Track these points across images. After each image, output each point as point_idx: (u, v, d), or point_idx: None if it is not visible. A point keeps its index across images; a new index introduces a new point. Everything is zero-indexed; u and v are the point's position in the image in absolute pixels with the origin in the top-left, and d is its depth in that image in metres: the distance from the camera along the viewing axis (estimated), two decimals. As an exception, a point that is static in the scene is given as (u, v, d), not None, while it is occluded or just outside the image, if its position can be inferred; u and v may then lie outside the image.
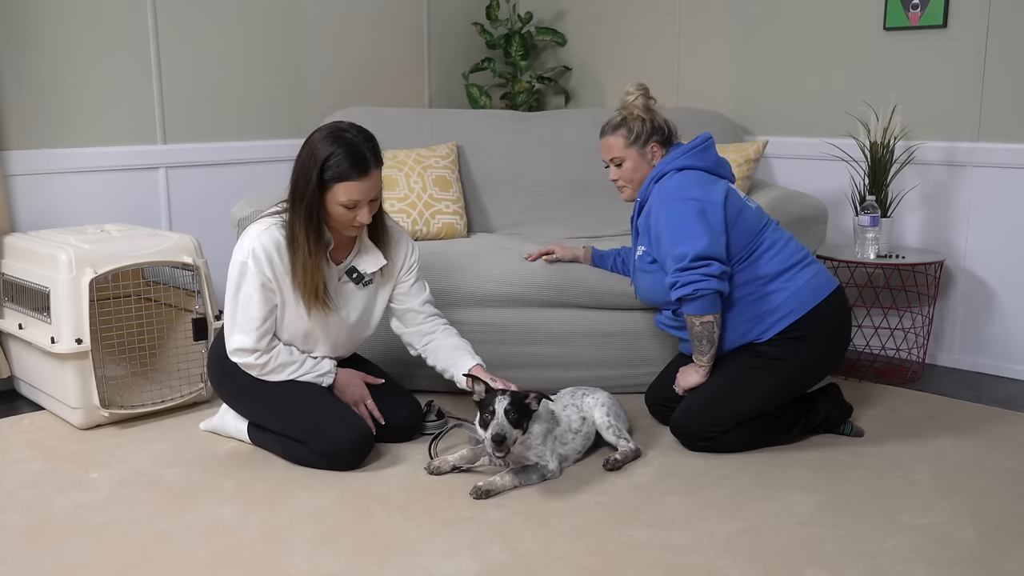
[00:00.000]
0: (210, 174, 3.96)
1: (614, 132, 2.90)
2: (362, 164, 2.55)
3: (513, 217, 3.94)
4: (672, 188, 2.79)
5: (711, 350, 2.78)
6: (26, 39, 3.45)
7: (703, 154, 2.87)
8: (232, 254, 2.67)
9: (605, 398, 2.85)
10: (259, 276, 2.61)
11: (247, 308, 2.65)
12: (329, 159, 2.52)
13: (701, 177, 2.81)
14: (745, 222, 2.81)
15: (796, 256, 2.83)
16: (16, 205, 3.49)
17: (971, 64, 3.57)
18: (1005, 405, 3.27)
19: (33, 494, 2.56)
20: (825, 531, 2.32)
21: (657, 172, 2.86)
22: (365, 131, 2.62)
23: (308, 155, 2.56)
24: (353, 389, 2.84)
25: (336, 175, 2.53)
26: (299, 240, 2.59)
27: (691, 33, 4.35)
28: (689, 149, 2.86)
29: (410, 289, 2.87)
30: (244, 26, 4.01)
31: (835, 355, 2.89)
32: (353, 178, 2.54)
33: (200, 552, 2.23)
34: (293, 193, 2.59)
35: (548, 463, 2.62)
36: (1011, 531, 2.32)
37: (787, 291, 2.78)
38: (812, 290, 2.79)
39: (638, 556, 2.20)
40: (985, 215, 3.62)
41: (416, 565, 2.16)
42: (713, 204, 2.74)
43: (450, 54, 4.79)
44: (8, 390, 3.46)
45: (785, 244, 2.85)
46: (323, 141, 2.55)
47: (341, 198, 2.55)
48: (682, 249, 2.70)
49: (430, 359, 2.89)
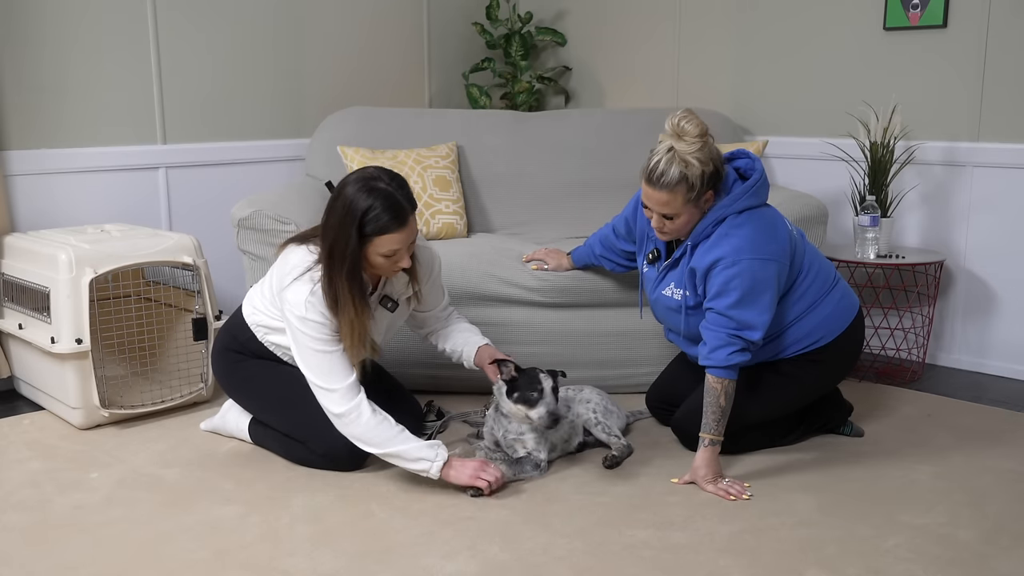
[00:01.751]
0: (210, 174, 3.96)
1: (671, 190, 2.50)
2: (402, 215, 2.47)
3: (513, 217, 3.94)
4: (748, 242, 2.53)
5: (721, 421, 2.58)
6: (26, 39, 3.45)
7: (761, 190, 2.61)
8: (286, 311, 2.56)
9: (593, 395, 2.88)
10: (324, 330, 2.52)
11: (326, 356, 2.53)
12: (367, 213, 2.43)
13: (768, 221, 2.59)
14: (795, 260, 2.66)
15: (826, 285, 2.72)
16: (16, 205, 3.49)
17: (971, 64, 3.57)
18: (1005, 405, 3.27)
19: (33, 494, 2.56)
20: (825, 531, 2.32)
21: (717, 217, 2.57)
22: (396, 176, 2.52)
23: (344, 211, 2.44)
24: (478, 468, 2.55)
25: (376, 229, 2.44)
26: (343, 299, 2.49)
27: (691, 33, 4.35)
28: (751, 187, 2.58)
29: (431, 298, 2.86)
30: (244, 26, 4.01)
31: (847, 371, 2.88)
32: (393, 230, 2.46)
33: (200, 552, 2.23)
34: (332, 253, 2.47)
35: (540, 453, 2.65)
36: (1011, 531, 2.32)
37: (815, 319, 2.70)
38: (838, 317, 2.73)
39: (638, 556, 2.20)
40: (985, 215, 3.62)
41: (416, 565, 2.16)
42: (784, 263, 2.57)
43: (450, 54, 4.79)
44: (8, 390, 3.46)
45: (816, 273, 2.70)
46: (358, 195, 2.43)
47: (382, 250, 2.48)
48: (748, 318, 2.52)
49: (440, 343, 2.91)
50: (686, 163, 2.48)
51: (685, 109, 2.56)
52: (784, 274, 2.60)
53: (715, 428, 2.58)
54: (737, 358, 2.54)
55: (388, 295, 2.70)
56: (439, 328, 2.92)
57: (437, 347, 2.92)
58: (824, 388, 2.87)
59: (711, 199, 2.57)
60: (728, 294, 2.53)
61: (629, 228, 2.95)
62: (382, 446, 2.52)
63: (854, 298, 2.81)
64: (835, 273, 2.79)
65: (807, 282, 2.69)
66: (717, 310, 2.55)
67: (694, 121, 2.51)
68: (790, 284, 2.66)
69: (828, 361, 2.75)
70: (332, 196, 2.52)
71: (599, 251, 3.12)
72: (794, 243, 2.65)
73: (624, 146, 3.99)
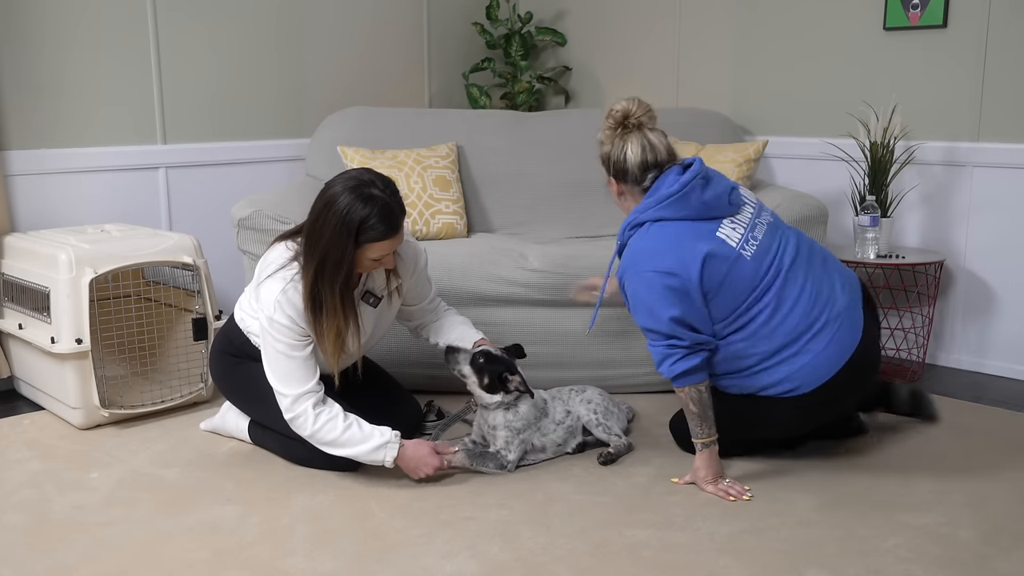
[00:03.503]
0: (210, 174, 3.96)
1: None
2: (396, 224, 2.47)
3: (513, 217, 3.94)
4: (642, 254, 2.50)
5: (712, 419, 2.52)
6: (26, 38, 3.45)
7: (681, 202, 2.49)
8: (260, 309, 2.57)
9: (595, 395, 2.88)
10: (295, 329, 2.53)
11: (289, 359, 2.54)
12: (364, 223, 2.41)
13: (678, 235, 2.48)
14: (731, 288, 2.48)
15: (803, 328, 2.50)
16: (16, 205, 3.49)
17: (971, 64, 3.57)
18: (1005, 405, 3.27)
19: (33, 494, 2.56)
20: (825, 531, 2.32)
21: (632, 220, 2.56)
22: (388, 180, 2.50)
23: (339, 221, 2.40)
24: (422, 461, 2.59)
25: (370, 238, 2.44)
26: (328, 306, 2.48)
27: (691, 33, 4.35)
28: (666, 197, 2.50)
29: (418, 291, 2.87)
30: (245, 25, 4.01)
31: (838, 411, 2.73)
32: (388, 238, 2.47)
33: (200, 552, 2.23)
34: (323, 262, 2.44)
35: (509, 454, 2.67)
36: (1011, 531, 2.32)
37: (789, 367, 2.51)
38: (819, 367, 2.51)
39: (638, 556, 2.20)
40: (985, 215, 3.62)
41: (416, 565, 2.16)
42: (689, 280, 2.44)
43: (450, 54, 4.79)
44: (8, 390, 3.46)
45: (789, 312, 2.49)
46: (354, 204, 2.40)
47: (372, 255, 2.49)
48: (666, 328, 2.46)
49: (432, 337, 2.92)
50: (600, 140, 2.61)
51: (635, 99, 2.58)
52: (689, 287, 2.44)
53: (701, 432, 2.53)
54: (681, 365, 2.47)
55: (370, 291, 2.71)
56: (429, 321, 2.92)
57: (429, 341, 2.93)
58: (812, 425, 2.70)
59: (617, 189, 2.62)
60: (635, 310, 2.52)
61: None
62: (333, 449, 2.56)
63: (846, 341, 2.52)
64: (826, 317, 2.51)
65: (773, 320, 2.50)
66: (640, 328, 2.54)
67: (622, 108, 2.57)
68: (739, 315, 2.50)
69: (812, 407, 2.57)
70: (321, 201, 2.46)
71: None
72: (725, 272, 2.47)
73: (624, 146, 3.99)
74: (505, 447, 2.67)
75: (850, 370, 2.53)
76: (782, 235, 2.61)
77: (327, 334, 2.51)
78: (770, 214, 2.67)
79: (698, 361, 2.49)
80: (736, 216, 2.57)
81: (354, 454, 2.56)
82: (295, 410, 2.55)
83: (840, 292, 2.59)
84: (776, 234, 2.60)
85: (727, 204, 2.57)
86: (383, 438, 2.54)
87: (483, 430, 2.74)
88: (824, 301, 2.54)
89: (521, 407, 2.70)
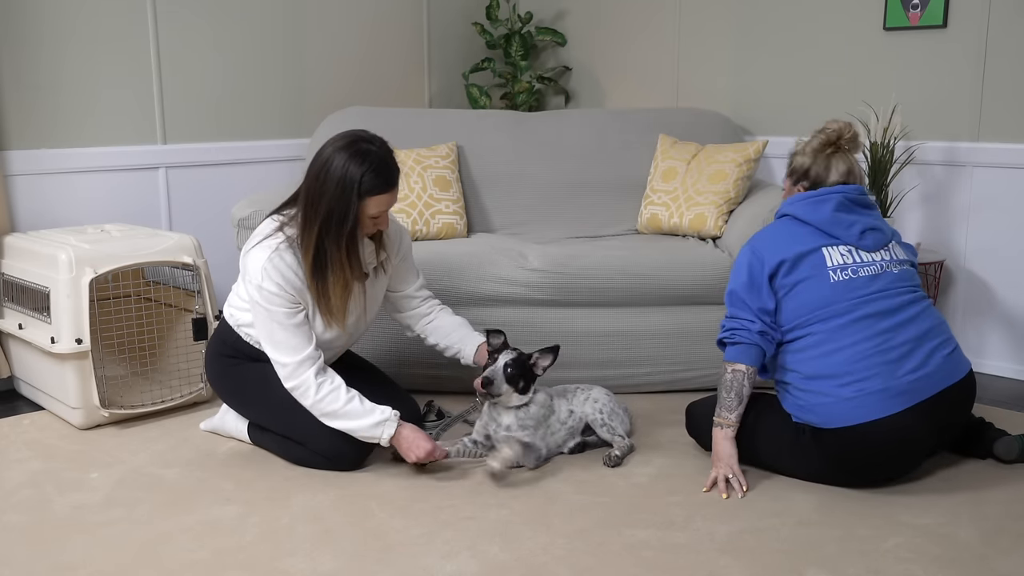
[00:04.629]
0: (210, 174, 3.96)
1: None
2: (393, 176, 2.54)
3: (513, 217, 3.94)
4: (758, 234, 2.69)
5: (739, 407, 2.53)
6: (26, 38, 3.45)
7: (814, 207, 2.61)
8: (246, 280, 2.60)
9: (601, 395, 2.88)
10: (284, 295, 2.55)
11: (283, 326, 2.56)
12: (364, 177, 2.47)
13: (787, 230, 2.63)
14: (801, 298, 2.54)
15: (829, 371, 2.47)
16: (16, 205, 3.49)
17: (971, 64, 3.57)
18: (1005, 405, 3.27)
19: (33, 494, 2.56)
20: (825, 531, 2.32)
21: (779, 210, 2.74)
22: (380, 138, 2.58)
23: (341, 176, 2.47)
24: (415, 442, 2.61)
25: (370, 191, 2.49)
26: (335, 263, 2.53)
27: (691, 33, 4.35)
28: (805, 197, 2.65)
29: (405, 275, 2.88)
30: (245, 25, 4.01)
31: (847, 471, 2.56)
32: (386, 191, 2.53)
33: (200, 552, 2.23)
34: (328, 218, 2.48)
35: (541, 447, 2.69)
36: (1011, 531, 2.32)
37: (808, 399, 2.51)
38: (836, 413, 2.46)
39: (638, 556, 2.20)
40: (985, 215, 3.62)
41: (416, 565, 2.16)
42: (760, 256, 2.59)
43: (450, 54, 4.79)
44: (8, 390, 3.46)
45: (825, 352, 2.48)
46: (352, 160, 2.47)
47: (372, 211, 2.53)
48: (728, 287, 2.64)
49: (430, 338, 2.91)
50: (800, 145, 2.75)
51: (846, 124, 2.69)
52: (758, 267, 2.58)
53: (715, 411, 2.59)
54: (721, 335, 2.61)
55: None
56: (421, 315, 2.92)
57: (426, 341, 2.93)
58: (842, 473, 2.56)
59: (788, 190, 2.76)
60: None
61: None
62: (332, 420, 2.59)
63: (889, 403, 2.43)
64: (865, 373, 2.45)
65: (817, 349, 2.51)
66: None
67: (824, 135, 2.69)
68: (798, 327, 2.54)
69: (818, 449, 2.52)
70: (316, 164, 2.52)
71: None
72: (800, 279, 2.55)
73: (624, 146, 3.99)
74: (534, 440, 2.68)
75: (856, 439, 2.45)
76: (898, 292, 2.56)
77: (334, 288, 2.56)
78: (911, 275, 2.64)
79: (737, 340, 2.56)
80: (861, 250, 2.60)
81: (352, 427, 2.59)
82: (296, 378, 2.57)
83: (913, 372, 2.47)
84: (890, 284, 2.56)
85: (857, 235, 2.59)
86: (383, 415, 2.59)
87: (488, 430, 2.74)
88: (890, 367, 2.46)
89: (531, 407, 2.72)
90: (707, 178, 3.63)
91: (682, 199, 3.67)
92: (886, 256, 2.62)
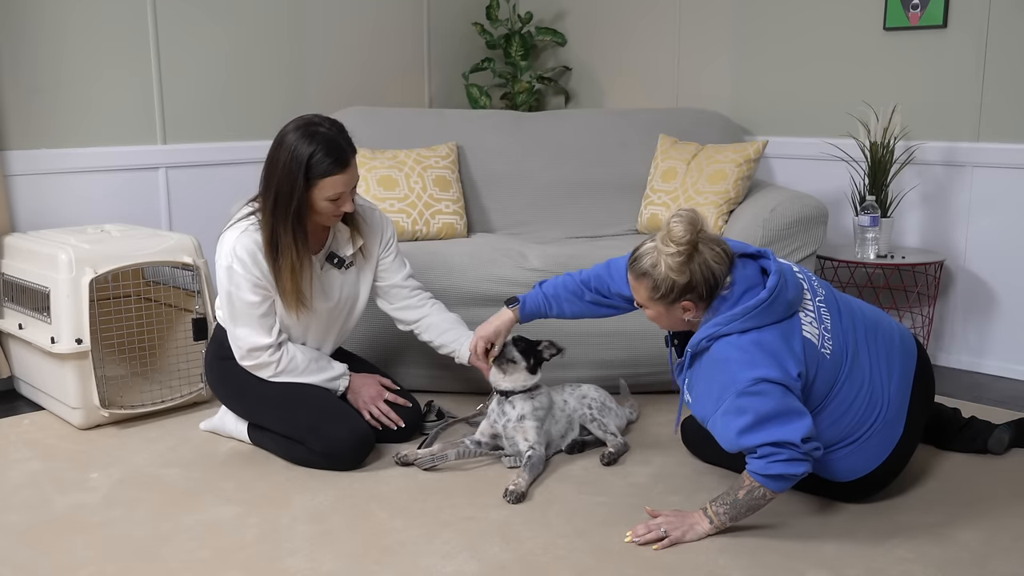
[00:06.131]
0: (210, 174, 3.96)
1: (636, 279, 2.31)
2: (344, 156, 2.57)
3: (513, 217, 3.94)
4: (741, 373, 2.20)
5: (730, 513, 2.28)
6: (25, 38, 3.45)
7: (770, 309, 2.23)
8: (216, 261, 2.68)
9: (591, 392, 2.90)
10: (249, 277, 2.62)
11: (247, 308, 2.65)
12: (312, 157, 2.52)
13: (771, 342, 2.23)
14: (812, 389, 2.30)
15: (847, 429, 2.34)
16: (16, 205, 3.49)
17: (971, 64, 3.57)
18: (1005, 405, 3.27)
19: (33, 494, 2.56)
20: (825, 531, 2.32)
21: (711, 333, 2.26)
22: (335, 121, 2.62)
23: (288, 157, 2.53)
24: (368, 389, 2.85)
25: (321, 172, 2.53)
26: (284, 244, 2.58)
27: (691, 33, 4.35)
28: (755, 307, 2.22)
29: (391, 265, 2.90)
30: (245, 25, 4.00)
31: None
32: (337, 172, 2.55)
33: (200, 552, 2.23)
34: (276, 199, 2.56)
35: (540, 448, 2.69)
36: (1011, 531, 2.32)
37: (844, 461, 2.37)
38: (871, 456, 2.38)
39: (638, 556, 2.20)
40: (985, 215, 3.62)
41: (416, 565, 2.16)
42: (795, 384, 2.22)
43: (450, 54, 4.79)
44: (8, 390, 3.46)
45: (843, 413, 2.33)
46: (301, 141, 2.53)
47: (328, 193, 2.56)
48: (784, 436, 2.17)
49: (424, 335, 2.93)
50: (655, 263, 2.24)
51: (687, 210, 2.28)
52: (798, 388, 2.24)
53: (717, 507, 2.28)
54: (785, 468, 2.19)
55: (334, 252, 2.76)
56: (412, 306, 2.93)
57: (420, 337, 2.95)
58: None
59: (692, 310, 2.29)
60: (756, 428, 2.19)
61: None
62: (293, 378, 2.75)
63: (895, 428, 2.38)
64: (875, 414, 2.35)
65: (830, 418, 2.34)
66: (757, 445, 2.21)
67: (684, 226, 2.23)
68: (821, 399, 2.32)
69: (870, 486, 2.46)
70: (274, 145, 2.58)
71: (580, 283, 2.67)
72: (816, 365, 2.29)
73: (624, 146, 3.99)
74: (537, 440, 2.67)
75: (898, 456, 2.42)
76: (842, 319, 2.39)
77: (283, 273, 2.61)
78: (819, 283, 2.45)
79: (800, 469, 2.21)
80: (804, 302, 2.35)
81: (313, 381, 2.75)
82: (252, 360, 2.70)
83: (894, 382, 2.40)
84: (838, 319, 2.38)
85: (803, 292, 2.36)
86: (339, 371, 2.81)
87: (496, 428, 2.73)
88: (877, 401, 2.36)
89: (540, 397, 2.74)
90: (707, 178, 3.63)
91: (682, 199, 3.67)
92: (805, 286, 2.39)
